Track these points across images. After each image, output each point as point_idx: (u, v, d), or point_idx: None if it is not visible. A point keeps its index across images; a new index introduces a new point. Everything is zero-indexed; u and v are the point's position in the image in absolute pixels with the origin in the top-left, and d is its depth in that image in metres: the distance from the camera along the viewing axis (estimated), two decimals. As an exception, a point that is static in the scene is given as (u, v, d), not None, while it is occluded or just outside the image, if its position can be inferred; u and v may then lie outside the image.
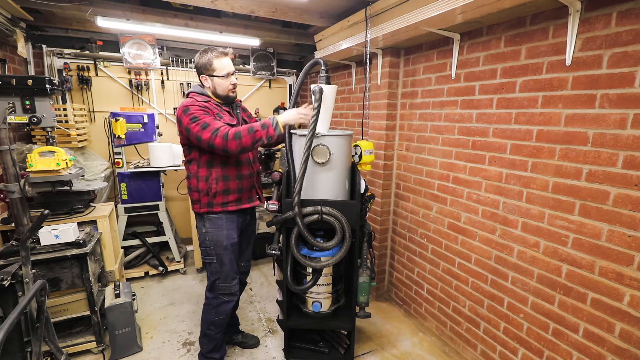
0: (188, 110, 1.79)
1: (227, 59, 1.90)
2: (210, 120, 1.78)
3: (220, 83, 1.90)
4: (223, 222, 1.97)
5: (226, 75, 1.89)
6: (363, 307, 2.17)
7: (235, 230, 2.01)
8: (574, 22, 1.53)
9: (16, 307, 1.37)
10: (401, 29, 2.15)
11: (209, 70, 1.88)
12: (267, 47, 4.08)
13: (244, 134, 1.74)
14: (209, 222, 1.96)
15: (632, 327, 1.42)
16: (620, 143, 1.42)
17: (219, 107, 1.93)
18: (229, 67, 1.89)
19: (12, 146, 1.95)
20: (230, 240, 1.98)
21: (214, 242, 1.96)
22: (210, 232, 1.96)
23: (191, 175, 1.95)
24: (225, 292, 2.03)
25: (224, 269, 2.00)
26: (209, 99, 1.92)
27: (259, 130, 1.77)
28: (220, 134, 1.73)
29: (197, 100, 1.85)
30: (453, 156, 2.29)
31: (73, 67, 3.34)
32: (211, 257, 1.99)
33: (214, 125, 1.75)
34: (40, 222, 1.65)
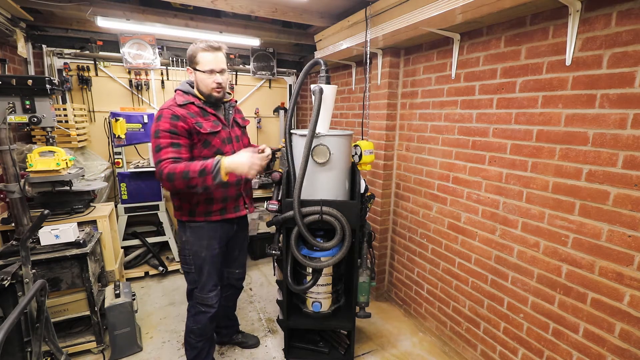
0: (160, 118, 1.67)
1: (216, 54, 1.73)
2: (165, 145, 1.65)
3: (202, 79, 1.74)
4: (204, 231, 1.85)
5: (209, 72, 1.72)
6: (363, 307, 2.17)
7: (217, 240, 1.89)
8: (574, 22, 1.53)
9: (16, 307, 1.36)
10: (401, 29, 2.15)
11: (193, 63, 1.74)
12: (267, 47, 4.08)
13: (177, 177, 1.60)
14: (190, 230, 1.85)
15: (632, 327, 1.42)
16: (620, 143, 1.42)
17: (201, 111, 1.77)
18: (214, 63, 1.72)
19: (12, 146, 1.95)
20: (210, 252, 1.87)
21: (193, 252, 1.86)
22: (190, 241, 1.86)
23: None
24: (202, 303, 1.93)
25: (202, 280, 1.90)
26: (194, 99, 1.77)
27: (195, 178, 1.60)
28: (158, 169, 1.63)
29: (175, 105, 1.71)
30: (453, 156, 2.29)
31: (73, 67, 3.34)
32: (189, 266, 1.89)
33: (161, 154, 1.64)
34: (40, 222, 1.65)
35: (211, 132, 1.76)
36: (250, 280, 3.42)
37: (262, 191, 3.84)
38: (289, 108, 2.09)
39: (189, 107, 1.75)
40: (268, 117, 4.47)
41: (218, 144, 1.80)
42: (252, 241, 3.81)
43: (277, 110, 4.43)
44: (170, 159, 1.64)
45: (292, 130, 2.03)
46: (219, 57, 1.74)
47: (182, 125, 1.68)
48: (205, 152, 1.77)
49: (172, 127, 1.67)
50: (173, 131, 1.67)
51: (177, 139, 1.68)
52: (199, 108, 1.77)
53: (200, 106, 1.78)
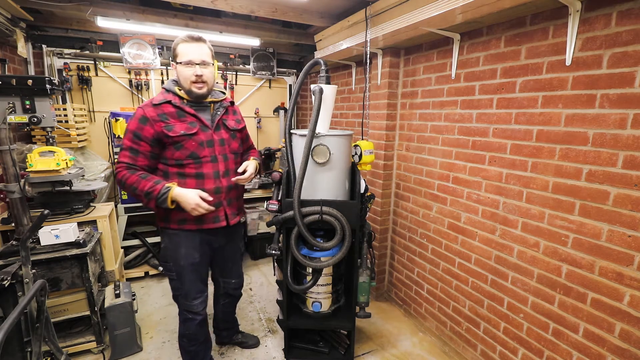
0: (132, 117, 1.65)
1: (196, 45, 1.64)
2: (126, 147, 1.64)
3: (181, 71, 1.64)
4: (181, 239, 1.77)
5: (187, 63, 1.62)
6: (363, 307, 2.17)
7: (196, 249, 1.80)
8: (574, 22, 1.53)
9: (16, 307, 1.36)
10: (401, 29, 2.15)
11: (174, 56, 1.66)
12: (267, 47, 4.08)
13: (126, 186, 1.62)
14: (167, 237, 1.79)
15: (632, 327, 1.42)
16: (620, 143, 1.42)
17: (178, 112, 1.67)
18: (192, 54, 1.63)
19: (12, 146, 1.95)
20: (189, 260, 1.79)
21: (173, 259, 1.79)
22: (169, 247, 1.79)
23: None
24: (187, 310, 1.88)
25: (184, 287, 1.83)
26: (172, 98, 1.68)
27: (141, 196, 1.62)
28: (116, 168, 1.65)
29: (148, 105, 1.65)
30: (453, 156, 2.29)
31: (73, 67, 3.34)
32: (171, 272, 1.83)
33: (120, 155, 1.65)
34: (40, 222, 1.65)
35: (184, 135, 1.65)
36: (250, 280, 3.42)
37: (262, 191, 3.84)
38: (289, 108, 2.09)
39: (164, 106, 1.66)
40: (268, 117, 4.47)
41: (193, 147, 1.69)
42: (252, 241, 3.81)
43: (277, 110, 4.43)
44: (124, 164, 1.63)
45: (292, 130, 2.03)
46: (200, 48, 1.65)
47: (147, 129, 1.62)
48: (178, 154, 1.68)
49: (138, 129, 1.63)
50: (137, 134, 1.63)
51: (137, 144, 1.64)
52: (175, 108, 1.68)
53: (178, 106, 1.68)
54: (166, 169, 1.71)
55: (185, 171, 1.70)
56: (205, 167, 1.73)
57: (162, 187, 1.60)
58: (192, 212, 1.64)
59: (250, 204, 3.77)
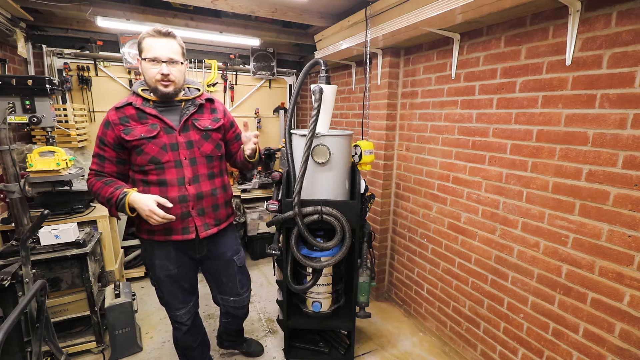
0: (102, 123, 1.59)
1: (164, 41, 1.48)
2: (94, 153, 1.59)
3: (145, 68, 1.50)
4: (154, 249, 1.67)
5: (151, 60, 1.47)
6: (363, 307, 2.17)
7: (170, 261, 1.67)
8: (574, 22, 1.53)
9: (16, 307, 1.36)
10: (401, 29, 2.15)
11: (139, 53, 1.52)
12: (267, 47, 4.08)
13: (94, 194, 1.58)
14: (143, 246, 1.74)
15: (632, 327, 1.42)
16: (620, 143, 1.42)
17: (139, 113, 1.55)
18: (159, 51, 1.46)
19: (12, 146, 1.95)
20: (163, 272, 1.68)
21: (150, 268, 1.74)
22: (145, 257, 1.75)
23: None
24: (172, 319, 1.84)
25: (165, 298, 1.77)
26: (134, 99, 1.58)
27: (104, 203, 1.58)
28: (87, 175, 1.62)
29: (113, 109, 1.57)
30: (453, 156, 2.29)
31: (73, 67, 3.34)
32: (153, 281, 1.77)
33: (92, 162, 1.61)
34: (40, 222, 1.65)
35: (143, 138, 1.53)
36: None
37: (262, 191, 3.84)
38: (289, 108, 2.09)
39: (126, 109, 1.56)
40: (268, 117, 4.47)
41: (154, 151, 1.54)
42: (252, 241, 3.81)
43: (277, 110, 4.43)
44: (92, 171, 1.60)
45: (292, 130, 2.03)
46: (168, 44, 1.49)
47: (109, 134, 1.55)
48: (139, 159, 1.56)
49: (102, 135, 1.56)
50: (102, 140, 1.57)
51: (103, 150, 1.58)
52: (135, 110, 1.55)
53: (139, 107, 1.55)
54: (133, 175, 1.64)
55: (148, 178, 1.58)
56: (168, 173, 1.57)
57: (120, 193, 1.51)
58: (149, 219, 1.49)
59: (250, 204, 3.77)
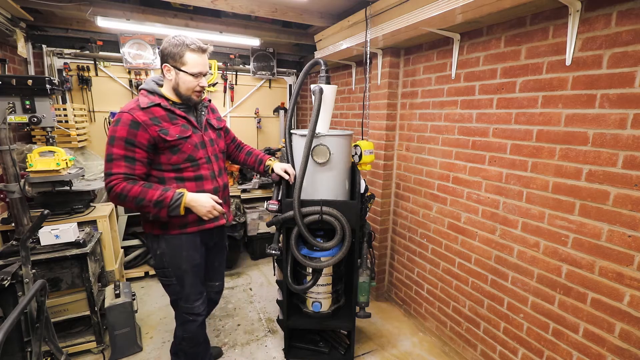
0: (118, 123, 1.50)
1: (204, 57, 1.60)
2: (118, 156, 1.49)
3: (186, 81, 1.57)
4: (182, 242, 1.70)
5: (196, 75, 1.58)
6: (363, 307, 2.17)
7: (196, 251, 1.75)
8: (574, 22, 1.53)
9: (16, 307, 1.37)
10: (401, 29, 2.15)
11: (177, 62, 1.54)
12: (267, 47, 4.08)
13: (129, 199, 1.50)
14: (165, 242, 1.69)
15: (632, 327, 1.42)
16: (620, 143, 1.42)
17: (169, 114, 1.58)
18: (202, 66, 1.59)
19: (12, 146, 1.95)
20: (191, 263, 1.73)
21: (172, 264, 1.71)
22: (167, 253, 1.70)
23: None
24: (188, 312, 1.81)
25: (185, 291, 1.76)
26: (160, 100, 1.58)
27: (149, 207, 1.52)
28: (107, 182, 1.50)
29: (137, 109, 1.52)
30: (453, 156, 2.29)
31: (73, 67, 3.34)
32: (170, 279, 1.74)
33: (112, 166, 1.49)
34: (40, 222, 1.65)
35: (180, 138, 1.59)
36: (250, 280, 3.42)
37: (262, 191, 3.84)
38: (289, 108, 2.09)
39: (154, 110, 1.55)
40: (268, 117, 4.47)
41: (189, 150, 1.63)
42: (252, 241, 3.81)
43: (277, 110, 4.43)
44: (121, 175, 1.50)
45: (292, 130, 2.03)
46: (206, 59, 1.62)
47: (142, 134, 1.50)
48: (175, 158, 1.61)
49: (130, 135, 1.49)
50: (130, 141, 1.50)
51: (132, 151, 1.51)
52: (165, 111, 1.58)
53: (168, 108, 1.58)
54: (161, 174, 1.63)
55: (183, 175, 1.65)
56: (203, 168, 1.69)
57: (174, 194, 1.54)
58: (207, 215, 1.62)
59: (250, 204, 3.77)
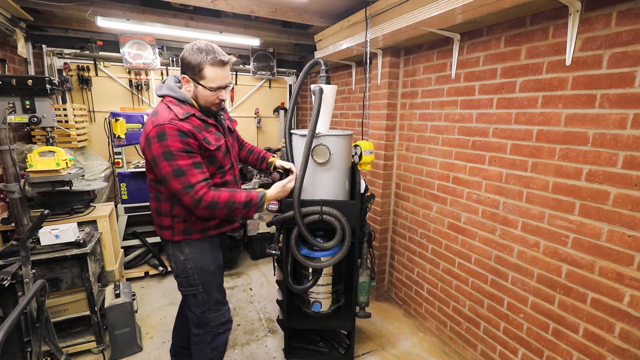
0: (164, 137, 1.40)
1: (225, 70, 1.50)
2: (188, 166, 1.43)
3: (204, 95, 1.51)
4: (206, 244, 1.68)
5: (215, 89, 1.50)
6: (363, 307, 2.17)
7: (219, 252, 1.77)
8: (574, 22, 1.53)
9: (16, 307, 1.37)
10: (401, 29, 2.15)
11: (196, 75, 1.47)
12: (267, 47, 4.08)
13: (220, 206, 1.48)
14: (189, 247, 1.64)
15: (632, 327, 1.42)
16: (620, 143, 1.42)
17: (203, 124, 1.54)
18: (222, 80, 1.50)
19: (12, 146, 1.95)
20: (216, 263, 1.72)
21: (199, 268, 1.65)
22: (192, 258, 1.64)
23: (163, 198, 1.58)
24: (218, 323, 1.72)
25: (213, 296, 1.71)
26: (193, 110, 1.52)
27: (239, 209, 1.53)
28: (193, 194, 1.43)
29: (176, 120, 1.43)
30: (453, 156, 2.29)
31: (73, 67, 3.34)
32: (195, 287, 1.66)
33: (189, 178, 1.43)
34: (40, 222, 1.65)
35: (217, 147, 1.57)
36: (250, 280, 3.42)
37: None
38: (289, 108, 2.09)
39: (192, 120, 1.49)
40: (268, 117, 4.47)
41: (221, 158, 1.61)
42: (252, 241, 3.81)
43: (277, 110, 4.44)
44: (202, 182, 1.46)
45: (292, 130, 2.03)
46: (227, 71, 1.51)
47: (192, 142, 1.46)
48: (211, 169, 1.58)
49: (185, 144, 1.43)
50: (188, 150, 1.44)
51: (195, 157, 1.47)
52: (200, 120, 1.53)
53: (202, 118, 1.54)
54: None
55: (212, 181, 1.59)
56: (228, 174, 1.69)
57: (258, 194, 1.62)
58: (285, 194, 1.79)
59: (250, 204, 3.76)
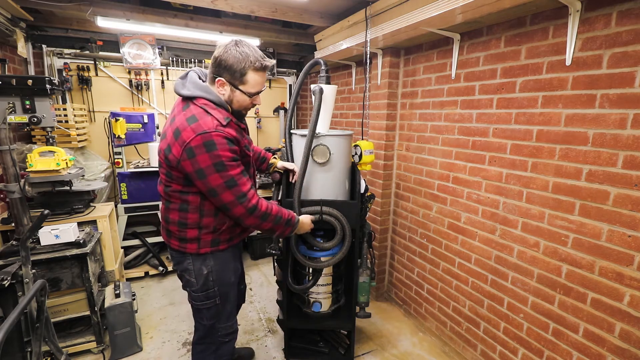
0: (214, 147, 1.32)
1: (265, 75, 1.49)
2: (238, 175, 1.40)
3: (240, 100, 1.46)
4: (229, 254, 1.66)
5: (254, 94, 1.48)
6: (363, 307, 2.17)
7: (238, 262, 1.77)
8: (574, 22, 1.53)
9: (16, 307, 1.37)
10: (401, 29, 2.15)
11: (236, 80, 1.41)
12: (267, 47, 4.08)
13: (270, 218, 1.51)
14: (214, 259, 1.59)
15: (632, 327, 1.42)
16: (620, 143, 1.42)
17: (239, 129, 1.50)
18: (262, 85, 1.48)
19: (12, 146, 1.95)
20: (236, 273, 1.73)
21: (220, 280, 1.62)
22: (216, 270, 1.60)
23: (190, 209, 1.49)
24: (226, 333, 1.71)
25: (227, 308, 1.69)
26: (228, 115, 1.45)
27: (282, 225, 1.59)
28: (247, 203, 1.43)
29: (221, 127, 1.36)
30: (453, 156, 2.29)
31: (73, 67, 3.34)
32: (212, 300, 1.62)
33: (241, 187, 1.41)
34: (40, 222, 1.65)
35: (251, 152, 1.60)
36: (250, 280, 3.42)
37: (262, 191, 3.84)
38: (289, 108, 2.09)
39: (232, 125, 1.45)
40: (268, 117, 4.47)
41: (249, 162, 1.61)
42: (252, 241, 3.81)
43: (277, 110, 4.43)
44: (252, 190, 1.45)
45: (292, 130, 2.03)
46: (266, 75, 1.51)
47: (238, 149, 1.43)
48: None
49: (233, 153, 1.39)
50: (236, 158, 1.42)
51: (241, 165, 1.44)
52: (236, 125, 1.49)
53: (237, 123, 1.50)
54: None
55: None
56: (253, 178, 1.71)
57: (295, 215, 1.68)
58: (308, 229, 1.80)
59: (250, 204, 3.76)
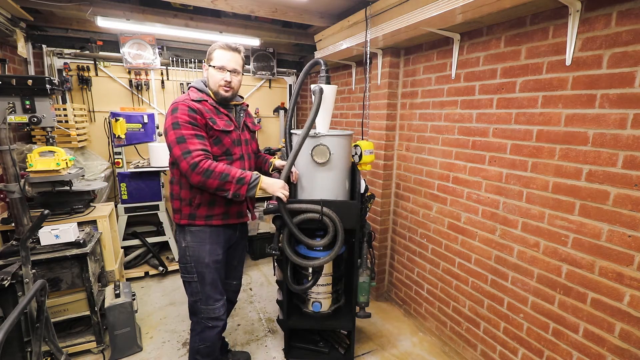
0: (176, 111, 1.63)
1: (231, 54, 1.73)
2: (189, 135, 1.60)
3: (212, 75, 1.73)
4: (207, 235, 1.77)
5: (219, 68, 1.71)
6: (363, 307, 2.17)
7: (220, 245, 1.81)
8: (574, 22, 1.53)
9: (16, 307, 1.37)
10: (401, 29, 2.15)
11: (208, 60, 1.75)
12: (267, 47, 4.08)
13: (215, 175, 1.59)
14: (190, 234, 1.75)
15: (632, 327, 1.42)
16: (620, 143, 1.42)
17: (214, 110, 1.74)
18: (226, 61, 1.72)
19: (12, 146, 1.95)
20: (213, 257, 1.78)
21: (195, 257, 1.75)
22: (192, 246, 1.75)
23: (174, 181, 1.76)
24: (208, 317, 1.80)
25: (206, 290, 1.78)
26: (207, 98, 1.74)
27: (231, 183, 1.62)
28: (190, 159, 1.57)
29: (190, 100, 1.67)
30: (453, 156, 2.29)
31: (73, 67, 3.34)
32: (191, 275, 1.77)
33: (188, 145, 1.59)
34: (40, 222, 1.65)
35: (223, 130, 1.73)
36: (250, 280, 3.42)
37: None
38: (289, 108, 2.09)
39: (203, 103, 1.71)
40: (268, 117, 4.47)
41: (228, 144, 1.76)
42: (252, 241, 3.81)
43: (277, 110, 4.44)
44: (201, 150, 1.60)
45: (292, 130, 2.03)
46: (234, 57, 1.74)
47: (200, 119, 1.65)
48: (215, 149, 1.73)
49: (192, 119, 1.62)
50: (193, 123, 1.63)
51: (199, 131, 1.64)
52: (212, 106, 1.74)
53: (214, 105, 1.75)
54: None
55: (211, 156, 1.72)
56: (235, 164, 1.79)
57: (252, 175, 1.70)
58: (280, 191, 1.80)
59: (250, 204, 3.77)
